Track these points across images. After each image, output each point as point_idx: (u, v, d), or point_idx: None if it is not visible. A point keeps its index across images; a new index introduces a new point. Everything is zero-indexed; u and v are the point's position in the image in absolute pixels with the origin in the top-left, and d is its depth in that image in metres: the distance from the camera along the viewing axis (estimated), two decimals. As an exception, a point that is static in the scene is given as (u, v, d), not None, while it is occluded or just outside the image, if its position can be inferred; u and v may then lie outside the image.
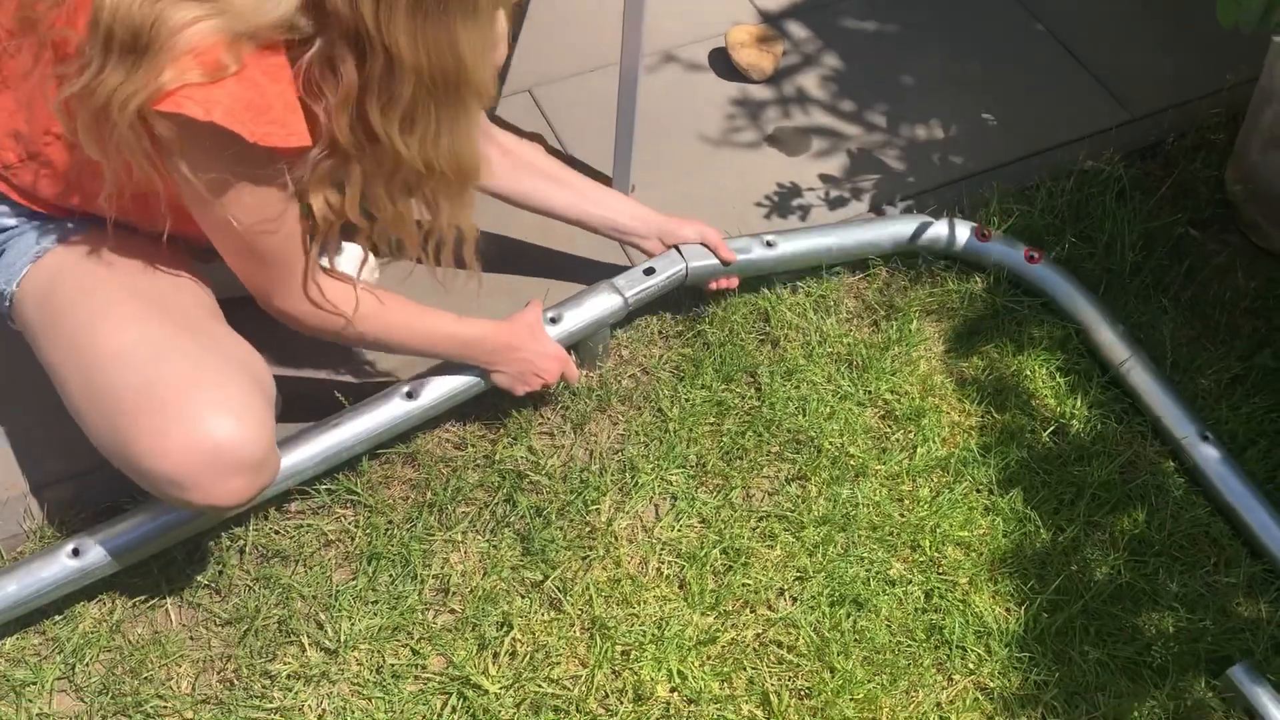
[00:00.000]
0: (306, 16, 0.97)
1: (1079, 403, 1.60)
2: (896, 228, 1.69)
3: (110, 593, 1.37)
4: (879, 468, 1.53)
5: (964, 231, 1.69)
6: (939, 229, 1.68)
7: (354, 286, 1.25)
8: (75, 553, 1.28)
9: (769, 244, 1.61)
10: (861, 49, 2.04)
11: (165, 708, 1.30)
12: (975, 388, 1.62)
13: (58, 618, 1.35)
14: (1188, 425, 1.54)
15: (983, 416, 1.59)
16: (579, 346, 1.55)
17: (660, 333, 1.64)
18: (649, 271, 1.55)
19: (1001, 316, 1.68)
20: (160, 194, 1.09)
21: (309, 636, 1.36)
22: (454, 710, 1.32)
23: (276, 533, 1.43)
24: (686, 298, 1.66)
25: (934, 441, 1.56)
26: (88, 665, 1.33)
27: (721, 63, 1.98)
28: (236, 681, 1.33)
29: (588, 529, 1.46)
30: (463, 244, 1.21)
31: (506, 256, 1.68)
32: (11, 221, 1.24)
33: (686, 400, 1.57)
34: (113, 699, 1.30)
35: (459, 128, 1.08)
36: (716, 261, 1.57)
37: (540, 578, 1.41)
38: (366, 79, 1.00)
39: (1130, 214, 1.78)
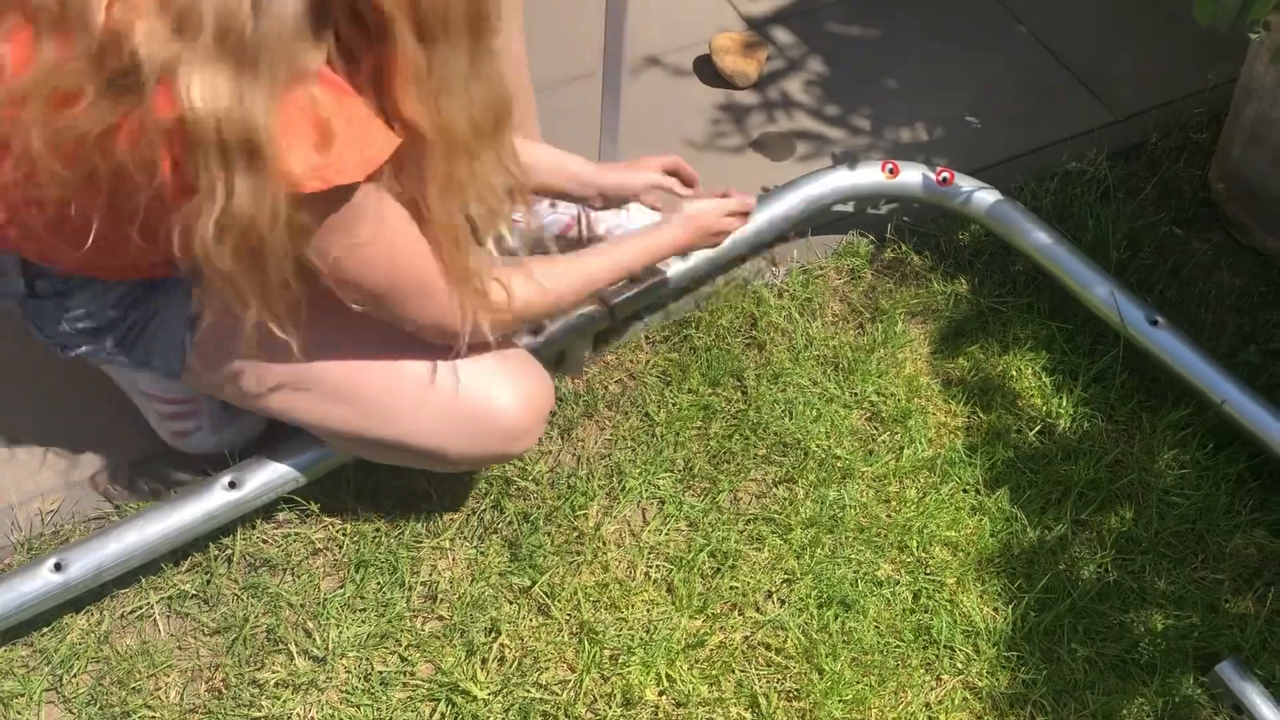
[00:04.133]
0: (315, 18, 0.93)
1: (1065, 401, 1.60)
2: (804, 190, 1.67)
3: (98, 604, 1.37)
4: (866, 469, 1.53)
5: (873, 173, 1.68)
6: (842, 179, 1.69)
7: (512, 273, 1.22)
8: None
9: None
10: (845, 54, 2.05)
11: (154, 717, 1.30)
12: (961, 388, 1.62)
13: (45, 629, 1.35)
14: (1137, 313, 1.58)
15: (969, 417, 1.60)
16: (566, 353, 1.55)
17: (646, 338, 1.65)
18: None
19: (987, 317, 1.69)
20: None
21: (297, 645, 1.36)
22: (443, 716, 1.32)
23: (264, 541, 1.43)
24: (669, 302, 1.66)
25: (920, 443, 1.56)
26: (75, 676, 1.33)
27: (706, 69, 1.99)
28: (225, 690, 1.33)
29: (575, 534, 1.46)
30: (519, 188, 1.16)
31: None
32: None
33: (673, 404, 1.57)
34: (101, 710, 1.30)
35: (483, 68, 1.02)
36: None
37: (528, 583, 1.42)
38: (379, 56, 0.96)
39: (1115, 214, 1.79)
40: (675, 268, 1.57)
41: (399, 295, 1.14)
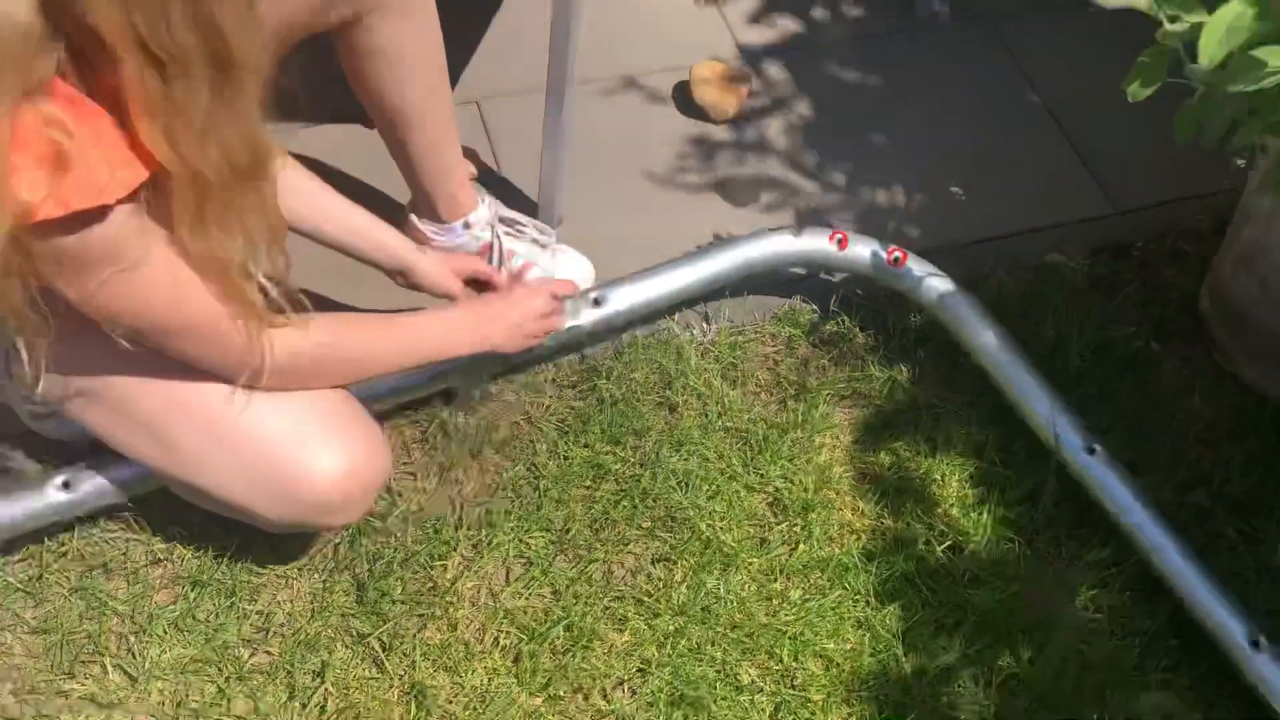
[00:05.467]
0: (46, 23, 0.83)
1: (984, 518, 1.48)
2: (743, 250, 1.55)
3: (-82, 585, 1.32)
4: (753, 560, 1.43)
5: (820, 243, 1.56)
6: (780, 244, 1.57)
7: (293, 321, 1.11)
8: None
9: (596, 301, 1.48)
10: (837, 99, 1.92)
11: (-55, 716, 1.25)
12: (875, 486, 1.50)
13: None
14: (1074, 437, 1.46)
15: (876, 519, 1.48)
16: (455, 390, 1.46)
17: (554, 380, 1.55)
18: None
19: (920, 411, 1.57)
20: None
21: (113, 658, 1.30)
22: (244, 761, 1.25)
23: (105, 541, 1.37)
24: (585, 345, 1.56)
25: (818, 539, 1.45)
26: (-123, 660, 1.27)
27: (684, 97, 1.87)
28: (29, 697, 1.27)
29: (429, 585, 1.37)
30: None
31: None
32: None
33: (565, 457, 1.48)
34: (-107, 700, 1.25)
35: (236, 113, 0.93)
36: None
37: (368, 630, 1.34)
38: (117, 76, 0.87)
39: (1085, 317, 1.65)
40: (586, 316, 1.47)
41: (175, 327, 1.04)
